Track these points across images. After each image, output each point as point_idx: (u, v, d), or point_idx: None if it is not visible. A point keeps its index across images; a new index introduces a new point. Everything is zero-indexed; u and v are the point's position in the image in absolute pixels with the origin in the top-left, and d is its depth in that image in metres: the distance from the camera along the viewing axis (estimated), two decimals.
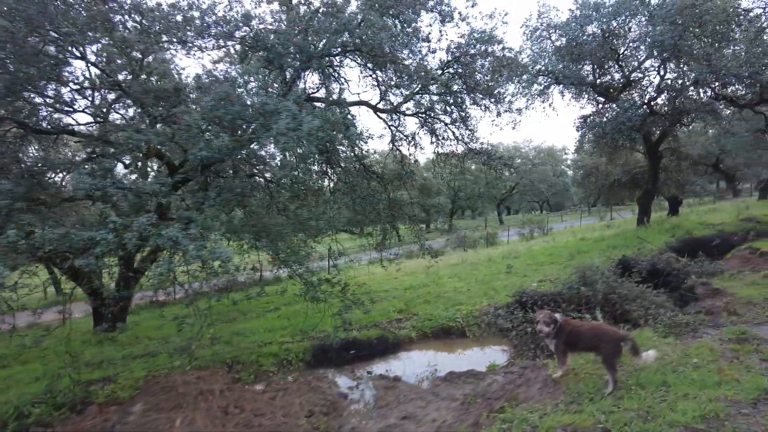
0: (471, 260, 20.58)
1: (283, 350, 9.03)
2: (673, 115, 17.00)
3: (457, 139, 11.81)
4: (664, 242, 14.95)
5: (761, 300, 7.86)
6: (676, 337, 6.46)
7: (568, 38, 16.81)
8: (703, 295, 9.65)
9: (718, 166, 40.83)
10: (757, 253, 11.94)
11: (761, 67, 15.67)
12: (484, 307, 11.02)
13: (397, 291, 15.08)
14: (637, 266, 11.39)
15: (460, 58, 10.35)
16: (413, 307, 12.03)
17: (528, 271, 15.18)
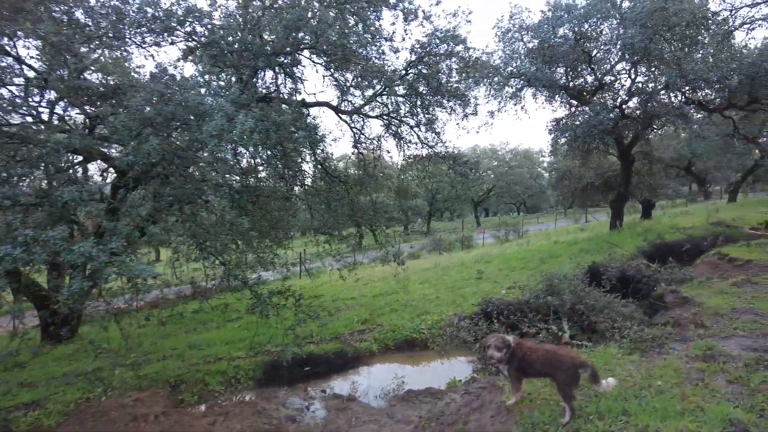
0: (444, 264, 20.21)
1: (233, 367, 8.45)
2: (645, 119, 16.90)
3: (422, 143, 11.38)
4: (636, 247, 14.79)
5: (728, 310, 7.60)
6: (641, 354, 6.11)
7: (540, 40, 16.56)
8: (672, 303, 9.40)
9: (690, 169, 41.49)
10: (726, 258, 11.80)
11: (729, 72, 15.67)
12: (450, 316, 10.60)
13: (366, 298, 14.60)
14: (606, 273, 11.13)
15: (423, 58, 9.93)
16: (378, 317, 11.57)
17: (499, 277, 14.85)
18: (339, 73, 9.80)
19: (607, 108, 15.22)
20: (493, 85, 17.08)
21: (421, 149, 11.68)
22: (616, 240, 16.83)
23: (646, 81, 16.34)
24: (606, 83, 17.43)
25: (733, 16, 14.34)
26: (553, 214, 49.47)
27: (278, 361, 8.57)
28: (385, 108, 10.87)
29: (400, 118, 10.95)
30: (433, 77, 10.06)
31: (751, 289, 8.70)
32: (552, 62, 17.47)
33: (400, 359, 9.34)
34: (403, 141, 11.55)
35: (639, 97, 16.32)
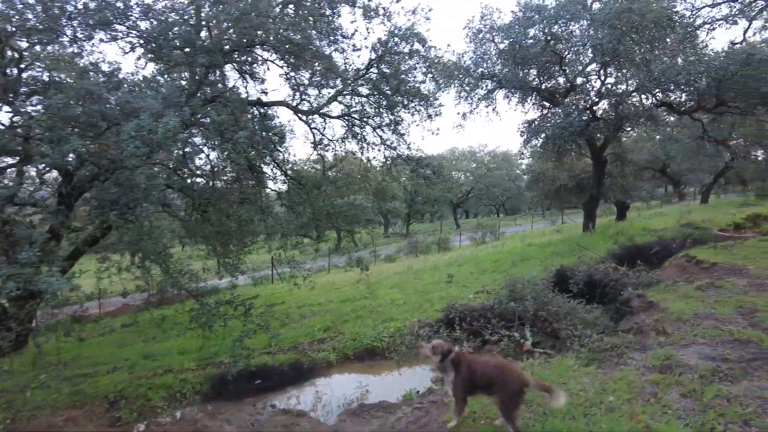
0: (417, 267, 19.92)
1: (179, 381, 7.98)
2: (616, 121, 16.86)
3: (385, 144, 11.04)
4: (606, 250, 14.66)
5: (691, 316, 7.41)
6: (598, 365, 5.86)
7: (511, 41, 16.39)
8: (638, 308, 9.21)
9: (665, 171, 41.99)
10: (693, 261, 11.70)
11: (697, 75, 15.72)
12: (413, 323, 10.29)
13: (333, 304, 14.23)
14: (574, 277, 10.93)
15: (384, 56, 9.60)
16: (341, 324, 11.20)
17: (469, 281, 14.60)
18: (295, 72, 9.41)
19: (578, 109, 15.10)
20: (464, 87, 16.86)
21: (384, 151, 11.32)
22: (588, 242, 16.74)
23: (615, 83, 16.29)
24: (577, 85, 17.35)
25: (695, 15, 14.33)
26: (531, 215, 49.67)
27: (227, 374, 8.12)
28: (347, 108, 10.48)
29: (363, 119, 10.58)
30: (395, 77, 9.73)
31: (714, 293, 8.54)
32: (524, 64, 17.34)
33: (360, 369, 8.99)
34: (365, 143, 11.18)
35: (609, 99, 16.28)
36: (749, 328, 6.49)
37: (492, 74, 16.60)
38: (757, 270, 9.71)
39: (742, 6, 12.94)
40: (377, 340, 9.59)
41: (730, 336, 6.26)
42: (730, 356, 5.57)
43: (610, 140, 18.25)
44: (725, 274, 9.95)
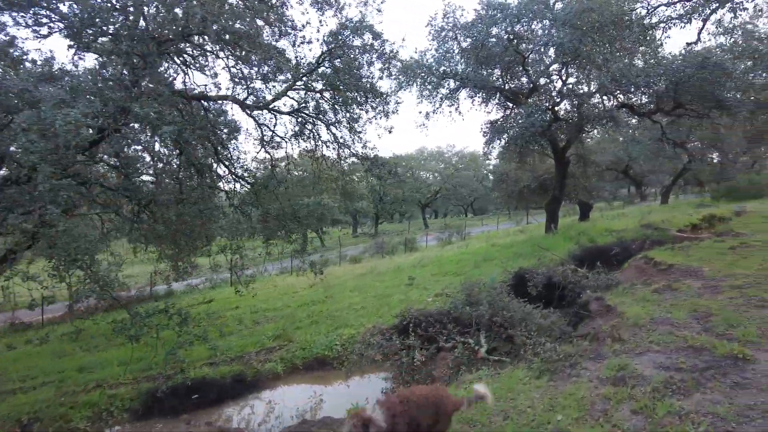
0: (380, 269, 19.52)
1: (107, 397, 7.31)
2: (578, 122, 16.85)
3: (339, 142, 10.55)
4: (567, 251, 14.58)
5: (647, 321, 7.22)
6: (550, 377, 5.55)
7: (473, 39, 16.15)
8: (596, 312, 9.05)
9: (628, 172, 42.91)
10: (652, 263, 11.66)
11: (656, 77, 15.84)
12: (368, 329, 9.86)
13: (289, 309, 13.68)
14: (533, 280, 10.72)
15: (335, 49, 9.11)
16: (293, 332, 10.68)
17: (430, 283, 14.27)
18: (240, 64, 8.82)
19: (539, 110, 14.96)
20: (426, 85, 16.53)
21: (338, 150, 10.81)
22: (550, 243, 16.67)
23: (576, 83, 16.27)
24: (540, 85, 17.27)
25: (651, 14, 14.36)
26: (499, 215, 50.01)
27: (163, 388, 7.50)
28: (299, 104, 9.93)
29: (318, 116, 10.04)
30: (349, 72, 9.25)
31: (670, 296, 8.42)
32: (488, 63, 17.15)
33: (308, 380, 8.51)
34: (320, 140, 10.66)
35: (571, 100, 16.23)
36: (703, 334, 6.31)
37: (454, 73, 16.33)
38: (711, 272, 9.67)
39: (696, 5, 13.00)
40: (328, 349, 9.11)
41: (685, 342, 6.06)
42: (684, 365, 5.35)
43: (573, 141, 18.27)
44: (681, 276, 9.89)
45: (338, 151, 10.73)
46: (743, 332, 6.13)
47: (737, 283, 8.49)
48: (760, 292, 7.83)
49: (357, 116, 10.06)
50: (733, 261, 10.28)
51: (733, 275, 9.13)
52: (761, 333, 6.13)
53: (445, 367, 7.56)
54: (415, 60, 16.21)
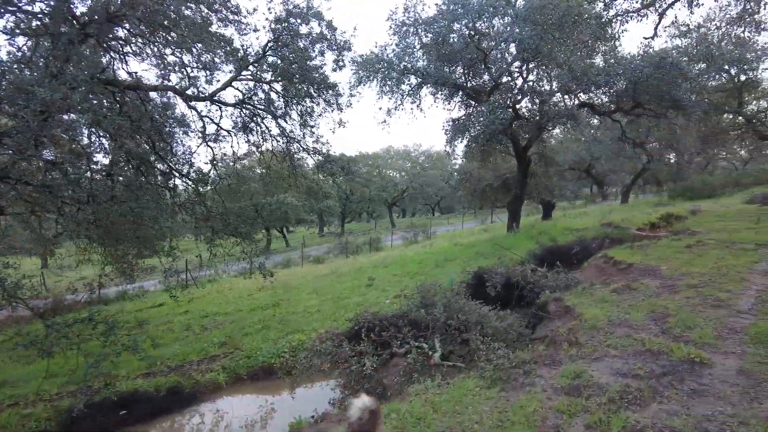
0: (342, 270, 18.97)
1: (21, 417, 6.55)
2: (540, 121, 16.75)
3: (287, 137, 9.97)
4: (527, 250, 14.41)
5: (605, 322, 6.98)
6: (503, 386, 5.19)
7: (434, 35, 15.81)
8: (555, 313, 8.80)
9: (590, 172, 43.70)
10: (611, 262, 11.57)
11: (615, 76, 15.89)
12: (321, 334, 9.34)
13: (241, 313, 13.00)
14: (491, 280, 10.43)
15: (282, 37, 8.55)
16: (242, 338, 10.05)
17: (390, 284, 13.85)
18: (177, 51, 8.15)
19: (499, 107, 14.74)
20: (387, 81, 16.09)
21: (286, 144, 10.21)
22: (511, 242, 16.51)
23: (537, 80, 16.16)
24: (502, 83, 17.08)
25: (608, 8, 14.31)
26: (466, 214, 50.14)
27: (88, 403, 6.79)
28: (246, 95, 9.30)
29: (268, 108, 9.41)
30: (298, 62, 8.69)
31: (629, 296, 8.25)
32: (450, 60, 16.86)
33: (252, 391, 7.93)
34: (269, 134, 10.04)
35: (530, 96, 16.10)
36: (660, 336, 6.09)
37: (415, 69, 15.95)
38: (668, 270, 9.59)
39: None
40: (276, 357, 8.55)
41: (642, 346, 5.81)
42: (641, 371, 5.08)
43: (534, 140, 18.19)
44: (640, 275, 9.78)
45: (287, 145, 10.11)
46: (700, 334, 5.94)
47: (693, 282, 8.40)
48: (715, 291, 7.73)
49: (310, 109, 9.51)
50: (689, 259, 10.26)
51: (689, 274, 9.07)
52: (717, 334, 5.95)
53: (397, 375, 7.13)
54: (375, 54, 15.75)
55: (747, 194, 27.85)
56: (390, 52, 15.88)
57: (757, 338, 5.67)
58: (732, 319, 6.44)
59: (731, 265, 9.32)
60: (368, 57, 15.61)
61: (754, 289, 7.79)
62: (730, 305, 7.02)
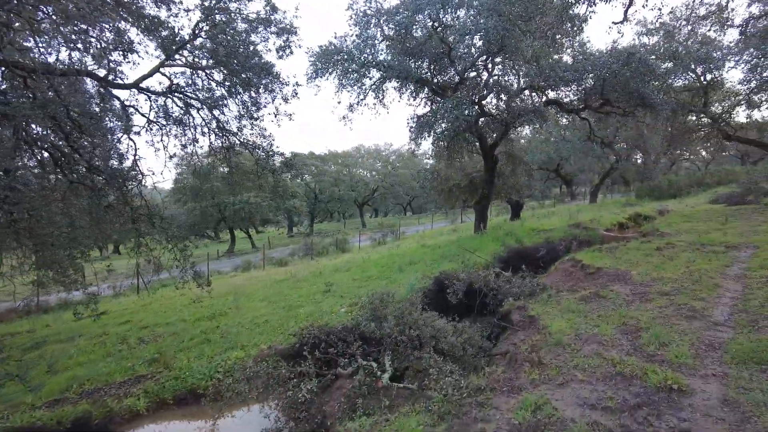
0: (302, 274, 17.98)
1: None
2: (507, 118, 16.12)
3: (223, 130, 8.94)
4: (492, 253, 13.74)
5: (572, 337, 6.28)
6: (452, 422, 4.36)
7: (398, 26, 14.98)
8: (518, 323, 8.08)
9: (559, 171, 43.77)
10: (579, 265, 10.97)
11: (584, 72, 15.40)
12: (262, 350, 8.39)
13: (184, 323, 11.91)
14: (452, 286, 9.66)
15: (211, 16, 7.55)
16: (175, 354, 9.02)
17: (349, 290, 12.95)
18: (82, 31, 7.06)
19: (465, 103, 14.02)
20: (348, 74, 15.18)
21: (221, 138, 9.18)
22: (477, 244, 15.86)
23: (502, 74, 15.52)
24: (468, 78, 16.39)
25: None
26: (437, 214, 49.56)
27: None
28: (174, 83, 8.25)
29: (197, 97, 8.38)
30: (232, 46, 7.70)
31: (597, 305, 7.59)
32: (415, 55, 16.08)
33: (178, 418, 6.92)
34: (201, 127, 8.99)
35: (496, 92, 15.45)
36: (633, 355, 5.40)
37: (377, 62, 15.09)
38: (639, 275, 9.02)
39: None
40: (208, 378, 7.56)
41: (613, 368, 5.10)
42: (613, 401, 4.34)
43: (501, 138, 17.59)
44: (609, 280, 9.18)
45: (222, 139, 9.08)
46: (676, 352, 5.27)
47: (665, 289, 7.81)
48: (689, 299, 7.14)
49: (253, 100, 8.51)
50: (660, 263, 9.73)
51: (661, 279, 8.50)
52: (694, 352, 5.29)
53: (340, 400, 6.25)
54: (334, 46, 14.82)
55: (711, 194, 28.11)
56: (350, 43, 14.97)
57: (737, 357, 5.04)
58: (709, 333, 5.81)
59: (703, 269, 8.80)
60: (326, 48, 14.68)
61: (728, 296, 7.23)
62: (706, 316, 6.41)
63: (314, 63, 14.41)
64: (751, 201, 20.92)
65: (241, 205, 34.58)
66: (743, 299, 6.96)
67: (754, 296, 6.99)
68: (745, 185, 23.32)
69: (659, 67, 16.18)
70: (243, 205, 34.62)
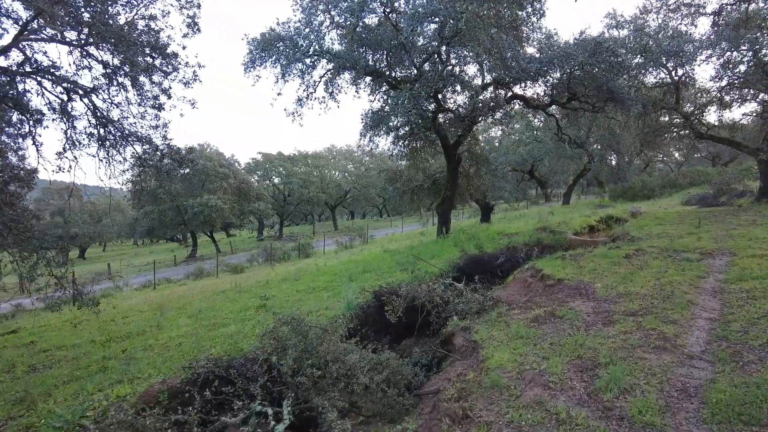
0: (247, 283, 16.47)
1: None
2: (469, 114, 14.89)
3: (101, 119, 7.39)
4: (449, 260, 12.44)
5: (514, 376, 4.99)
6: None
7: (347, 12, 13.63)
8: (461, 348, 6.80)
9: (533, 173, 43.02)
10: (539, 275, 9.73)
11: (548, 63, 14.30)
12: (154, 386, 6.89)
13: (92, 345, 10.33)
14: (391, 302, 8.31)
15: None
16: (54, 390, 7.47)
17: (287, 305, 11.50)
18: None
19: (420, 96, 12.74)
20: (291, 63, 13.76)
21: (98, 129, 7.62)
22: (435, 250, 14.60)
23: (457, 63, 14.28)
24: (425, 71, 15.10)
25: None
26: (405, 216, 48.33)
27: None
28: (35, 61, 6.71)
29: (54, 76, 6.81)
30: (100, 12, 6.21)
31: (551, 329, 6.32)
32: (372, 45, 14.74)
33: None
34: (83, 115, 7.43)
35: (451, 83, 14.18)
36: (585, 406, 4.13)
37: (325, 50, 13.71)
38: (603, 289, 7.82)
39: None
40: (71, 426, 6.03)
41: (556, 429, 3.80)
42: None
43: (464, 136, 16.37)
44: (569, 295, 7.95)
45: (98, 130, 7.52)
46: (640, 403, 3.99)
47: (632, 308, 6.59)
48: (659, 322, 5.91)
49: (134, 80, 6.99)
50: (628, 274, 8.54)
51: (627, 295, 7.28)
52: (664, 402, 4.03)
53: None
54: (275, 32, 13.38)
55: (684, 195, 27.51)
56: (293, 29, 13.54)
57: (719, 411, 3.78)
58: (682, 372, 4.58)
59: (675, 281, 7.63)
60: (267, 35, 13.23)
61: (705, 317, 6.04)
62: (678, 346, 5.18)
63: (251, 52, 12.95)
64: (724, 203, 20.21)
65: (200, 208, 32.68)
66: (722, 321, 5.78)
67: (735, 317, 5.82)
68: (718, 186, 22.69)
69: (628, 59, 15.19)
70: (202, 208, 32.72)
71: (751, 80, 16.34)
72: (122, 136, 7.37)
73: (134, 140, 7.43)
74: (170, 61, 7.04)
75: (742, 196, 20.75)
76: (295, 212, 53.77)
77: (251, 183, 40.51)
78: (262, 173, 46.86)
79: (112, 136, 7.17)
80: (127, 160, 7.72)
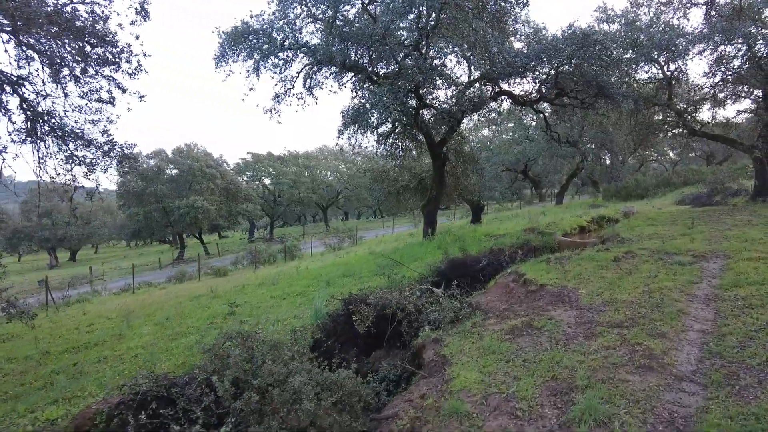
0: (224, 287, 15.83)
1: None
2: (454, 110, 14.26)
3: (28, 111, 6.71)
4: (430, 264, 11.80)
5: (478, 401, 4.40)
6: None
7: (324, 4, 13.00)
8: (430, 363, 6.19)
9: (527, 173, 42.48)
10: (521, 280, 9.11)
11: (535, 57, 13.71)
12: (91, 406, 6.24)
13: (47, 356, 9.68)
14: (359, 311, 7.69)
15: None
16: None
17: (257, 312, 10.88)
18: None
19: (399, 91, 12.12)
20: (266, 58, 13.11)
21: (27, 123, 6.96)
22: (421, 252, 14.00)
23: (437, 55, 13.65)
24: (407, 66, 14.46)
25: None
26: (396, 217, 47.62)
27: None
28: None
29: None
30: None
31: (527, 343, 5.71)
32: (353, 40, 14.09)
33: None
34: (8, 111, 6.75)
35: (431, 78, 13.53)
36: None
37: (300, 44, 13.06)
38: (588, 296, 7.22)
39: None
40: None
41: None
42: None
43: (450, 134, 15.75)
44: (551, 302, 7.34)
45: (28, 124, 6.84)
46: None
47: (617, 318, 5.98)
48: (645, 335, 5.30)
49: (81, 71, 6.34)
50: (615, 279, 7.93)
51: (613, 302, 6.68)
52: None
53: None
54: (248, 25, 12.73)
55: (678, 194, 26.98)
56: (267, 22, 12.88)
57: None
58: (669, 398, 3.97)
59: (666, 288, 7.02)
60: (239, 28, 12.59)
61: (696, 329, 5.44)
62: (666, 365, 4.58)
63: (222, 45, 12.30)
64: (718, 202, 19.68)
65: (186, 210, 31.91)
66: (716, 334, 5.18)
67: (730, 329, 5.22)
68: (712, 185, 22.18)
69: (619, 53, 14.63)
70: (188, 210, 31.95)
71: (746, 75, 15.79)
72: (52, 130, 6.69)
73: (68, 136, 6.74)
74: (109, 50, 6.37)
75: (736, 195, 20.24)
76: (287, 213, 52.97)
77: (239, 184, 39.75)
78: (252, 174, 46.15)
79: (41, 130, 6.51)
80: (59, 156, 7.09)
